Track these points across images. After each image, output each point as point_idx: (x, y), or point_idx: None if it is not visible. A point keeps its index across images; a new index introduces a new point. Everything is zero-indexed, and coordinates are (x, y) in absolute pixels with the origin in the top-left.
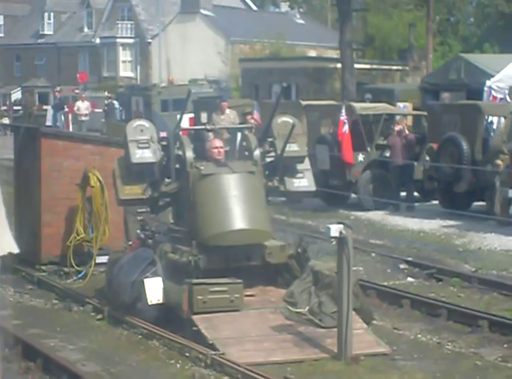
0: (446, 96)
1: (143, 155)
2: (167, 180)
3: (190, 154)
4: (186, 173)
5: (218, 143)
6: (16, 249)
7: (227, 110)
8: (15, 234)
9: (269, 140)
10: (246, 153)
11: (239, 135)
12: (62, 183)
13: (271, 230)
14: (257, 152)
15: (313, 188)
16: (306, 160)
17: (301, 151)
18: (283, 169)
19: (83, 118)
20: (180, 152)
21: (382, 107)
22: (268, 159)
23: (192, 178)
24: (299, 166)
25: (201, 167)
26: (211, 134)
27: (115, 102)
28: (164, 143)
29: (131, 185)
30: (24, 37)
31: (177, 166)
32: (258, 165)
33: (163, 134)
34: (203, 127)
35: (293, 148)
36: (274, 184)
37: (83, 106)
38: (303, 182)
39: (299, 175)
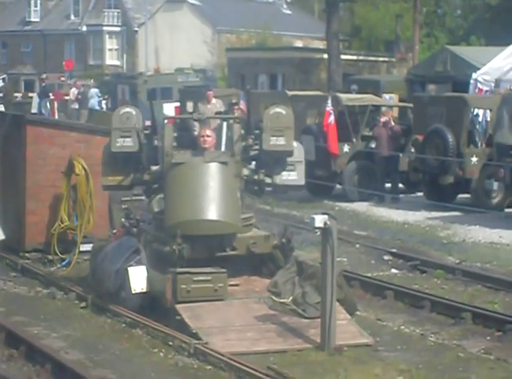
0: (431, 88)
1: (124, 143)
2: (152, 168)
3: (168, 143)
4: (162, 161)
5: (206, 132)
6: (1, 236)
7: (214, 100)
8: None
9: (256, 132)
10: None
11: (224, 125)
12: (47, 171)
13: (237, 222)
14: (238, 144)
15: (301, 182)
16: (300, 153)
17: (287, 146)
18: (272, 161)
19: (77, 106)
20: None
21: (368, 98)
22: (252, 152)
23: (166, 167)
24: (291, 159)
25: (174, 156)
26: (197, 124)
27: (94, 90)
28: (147, 131)
29: (114, 172)
30: (11, 24)
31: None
32: (236, 156)
33: (148, 123)
34: (189, 116)
35: (280, 141)
36: (260, 177)
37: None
38: (292, 175)
39: (289, 168)
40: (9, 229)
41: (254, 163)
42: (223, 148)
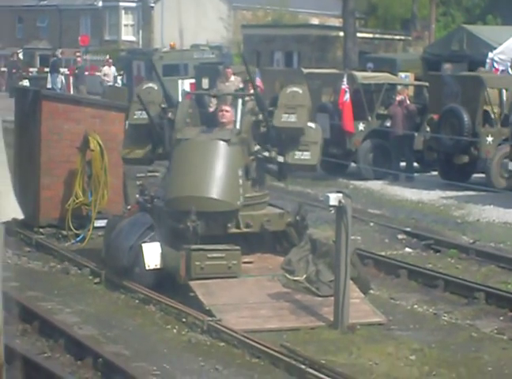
0: (447, 67)
1: (141, 116)
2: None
3: (179, 118)
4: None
5: (224, 107)
6: (20, 215)
7: (232, 77)
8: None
9: (270, 109)
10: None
11: (239, 102)
12: (62, 146)
13: (233, 200)
14: (247, 121)
15: (314, 161)
16: (317, 134)
17: (297, 123)
18: (284, 139)
19: (109, 83)
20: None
21: (384, 77)
22: (263, 129)
23: (172, 142)
24: (307, 139)
25: (180, 131)
26: (213, 100)
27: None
28: (164, 106)
29: (133, 144)
30: None
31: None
32: (243, 133)
33: None
34: (207, 92)
35: (291, 118)
36: (272, 155)
37: (110, 72)
38: (305, 155)
39: (303, 148)
40: (23, 204)
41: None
42: (238, 126)
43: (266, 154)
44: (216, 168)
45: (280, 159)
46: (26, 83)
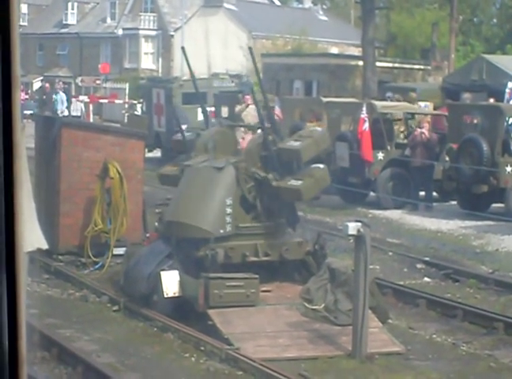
0: (467, 97)
1: None
2: None
3: (198, 145)
4: None
5: (243, 135)
6: (45, 245)
7: (251, 105)
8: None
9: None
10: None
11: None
12: (82, 174)
13: (213, 228)
14: (252, 148)
15: (301, 188)
16: (320, 172)
17: (297, 146)
18: (285, 164)
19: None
20: None
21: (403, 106)
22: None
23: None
24: (307, 171)
25: (188, 158)
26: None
27: (61, 95)
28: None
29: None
30: (47, 26)
31: None
32: (242, 162)
33: (184, 127)
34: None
35: (294, 144)
36: (268, 177)
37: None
38: (298, 183)
39: (298, 177)
40: (43, 232)
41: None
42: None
43: (262, 174)
44: (203, 195)
45: (274, 182)
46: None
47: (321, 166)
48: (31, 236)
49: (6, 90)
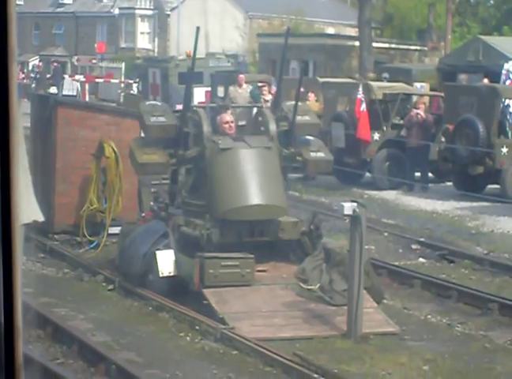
0: (463, 78)
1: (158, 119)
2: (186, 151)
3: (207, 128)
4: (203, 146)
5: (228, 117)
6: (41, 217)
7: (244, 85)
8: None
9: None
10: (262, 128)
11: (254, 110)
12: (77, 153)
13: (286, 206)
14: (273, 127)
15: (331, 157)
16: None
17: (313, 120)
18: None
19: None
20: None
21: (399, 87)
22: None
23: (209, 152)
24: (315, 143)
25: (219, 142)
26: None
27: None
28: (178, 114)
29: (149, 150)
30: (43, 5)
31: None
32: (275, 140)
33: (179, 107)
34: (214, 105)
35: (305, 117)
36: (295, 151)
37: None
38: (320, 153)
39: (314, 149)
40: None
41: None
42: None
43: (292, 150)
44: (272, 176)
45: (299, 157)
46: (54, 90)
47: (313, 138)
48: (27, 208)
49: (3, 67)
